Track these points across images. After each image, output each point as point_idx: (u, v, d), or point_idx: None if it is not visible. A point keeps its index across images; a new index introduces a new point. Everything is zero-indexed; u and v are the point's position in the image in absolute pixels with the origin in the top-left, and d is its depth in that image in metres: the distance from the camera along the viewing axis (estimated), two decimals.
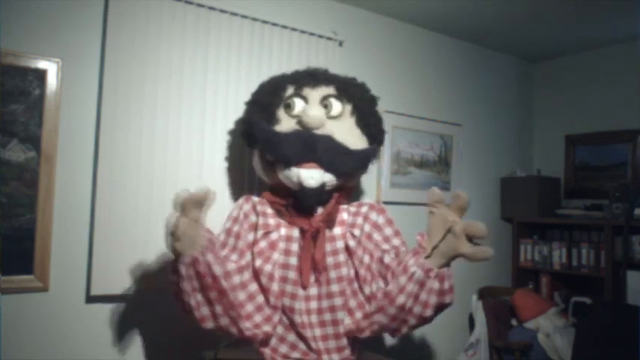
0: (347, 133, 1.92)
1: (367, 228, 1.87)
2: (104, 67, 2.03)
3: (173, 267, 1.60)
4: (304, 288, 1.81)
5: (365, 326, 1.75)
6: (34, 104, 1.91)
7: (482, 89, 3.45)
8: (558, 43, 3.37)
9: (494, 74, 3.53)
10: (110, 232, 2.01)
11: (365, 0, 2.75)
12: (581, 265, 3.09)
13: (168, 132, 2.15)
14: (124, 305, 2.10)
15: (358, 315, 1.79)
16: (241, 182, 2.34)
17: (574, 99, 3.54)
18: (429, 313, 1.61)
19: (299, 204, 1.86)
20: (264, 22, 2.40)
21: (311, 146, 1.82)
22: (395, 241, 1.87)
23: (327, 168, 1.83)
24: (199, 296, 1.60)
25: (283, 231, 1.86)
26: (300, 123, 1.89)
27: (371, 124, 2.00)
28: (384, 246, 1.83)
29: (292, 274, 1.82)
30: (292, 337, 1.81)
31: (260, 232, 1.84)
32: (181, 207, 1.49)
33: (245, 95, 2.17)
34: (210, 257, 1.56)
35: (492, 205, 3.48)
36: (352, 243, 1.85)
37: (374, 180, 2.83)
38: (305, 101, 1.95)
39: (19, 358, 1.88)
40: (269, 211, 1.90)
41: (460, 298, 3.14)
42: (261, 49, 2.40)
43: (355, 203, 2.00)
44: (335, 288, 1.81)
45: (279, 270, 1.82)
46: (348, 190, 2.02)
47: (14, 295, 1.88)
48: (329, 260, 1.83)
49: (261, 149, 1.93)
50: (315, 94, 1.96)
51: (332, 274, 1.82)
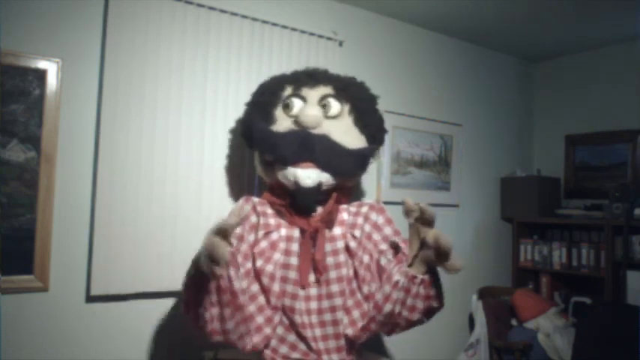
0: (344, 133, 1.91)
1: (367, 228, 1.87)
2: (104, 67, 2.03)
3: (194, 280, 1.55)
4: (303, 288, 1.81)
5: (360, 335, 1.77)
6: (34, 104, 1.91)
7: (482, 89, 3.45)
8: (558, 43, 3.37)
9: (494, 74, 3.53)
10: (110, 232, 2.01)
11: (365, 0, 2.75)
12: (581, 265, 3.09)
13: (168, 132, 2.16)
14: (124, 305, 2.09)
15: (355, 314, 1.79)
16: (241, 182, 2.34)
17: (574, 99, 3.54)
18: (417, 317, 1.62)
19: (298, 204, 1.87)
20: (264, 22, 2.41)
21: (308, 146, 1.82)
22: (394, 240, 1.87)
23: (324, 168, 1.83)
24: (215, 310, 1.57)
25: (284, 231, 1.86)
26: (296, 122, 1.89)
27: (370, 124, 1.99)
28: (382, 246, 1.83)
29: (293, 274, 1.81)
30: (292, 338, 1.80)
31: (261, 233, 1.84)
32: (223, 233, 1.41)
33: (245, 95, 2.17)
34: (232, 272, 1.55)
35: (492, 205, 3.48)
36: (353, 244, 1.85)
37: (374, 180, 2.82)
38: (303, 101, 1.95)
39: (19, 358, 1.88)
40: (269, 212, 1.90)
41: (460, 298, 3.16)
42: (261, 49, 2.40)
43: (355, 203, 1.99)
44: (335, 288, 1.81)
45: (279, 270, 1.81)
46: (348, 190, 2.02)
47: (14, 295, 1.88)
48: (329, 260, 1.82)
49: (258, 149, 1.93)
50: (313, 94, 1.96)
51: (332, 274, 1.82)
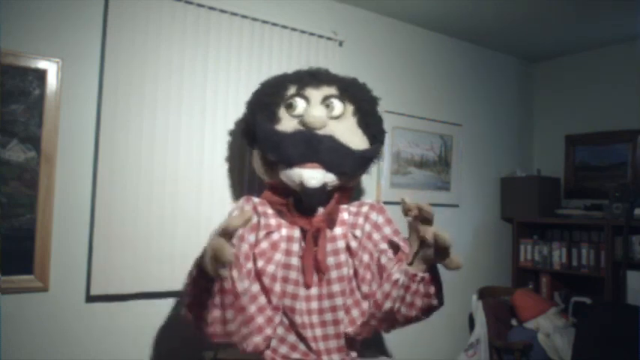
0: (349, 134, 1.92)
1: (368, 228, 1.87)
2: (104, 67, 2.03)
3: (196, 281, 1.53)
4: (308, 288, 1.81)
5: (360, 331, 1.78)
6: (34, 104, 1.91)
7: (482, 89, 3.45)
8: (558, 43, 3.36)
9: (494, 74, 3.53)
10: (110, 232, 2.01)
11: (365, 0, 2.75)
12: (581, 265, 3.09)
13: (168, 132, 2.15)
14: (124, 305, 2.09)
15: (354, 312, 1.79)
16: (241, 182, 2.34)
17: (574, 99, 3.54)
18: (415, 314, 1.63)
19: (299, 204, 1.86)
20: (264, 22, 2.40)
21: (313, 146, 1.82)
22: (394, 240, 1.87)
23: (329, 168, 1.83)
24: (217, 312, 1.56)
25: (284, 231, 1.86)
26: (302, 123, 1.88)
27: (372, 125, 2.00)
28: (382, 246, 1.83)
29: (294, 275, 1.81)
30: (292, 338, 1.80)
31: (262, 233, 1.83)
32: (228, 233, 1.37)
33: (245, 95, 2.17)
34: (235, 273, 1.55)
35: (492, 205, 3.48)
36: (354, 244, 1.85)
37: (374, 180, 2.82)
38: (307, 101, 1.95)
39: (19, 358, 1.88)
40: (270, 212, 1.90)
41: (460, 298, 3.16)
42: (261, 49, 2.40)
43: (356, 203, 2.00)
44: (336, 288, 1.81)
45: (280, 270, 1.81)
46: (349, 190, 2.02)
47: (14, 295, 1.88)
48: (330, 260, 1.83)
49: (262, 149, 1.93)
50: (316, 95, 1.96)
51: (333, 274, 1.82)
